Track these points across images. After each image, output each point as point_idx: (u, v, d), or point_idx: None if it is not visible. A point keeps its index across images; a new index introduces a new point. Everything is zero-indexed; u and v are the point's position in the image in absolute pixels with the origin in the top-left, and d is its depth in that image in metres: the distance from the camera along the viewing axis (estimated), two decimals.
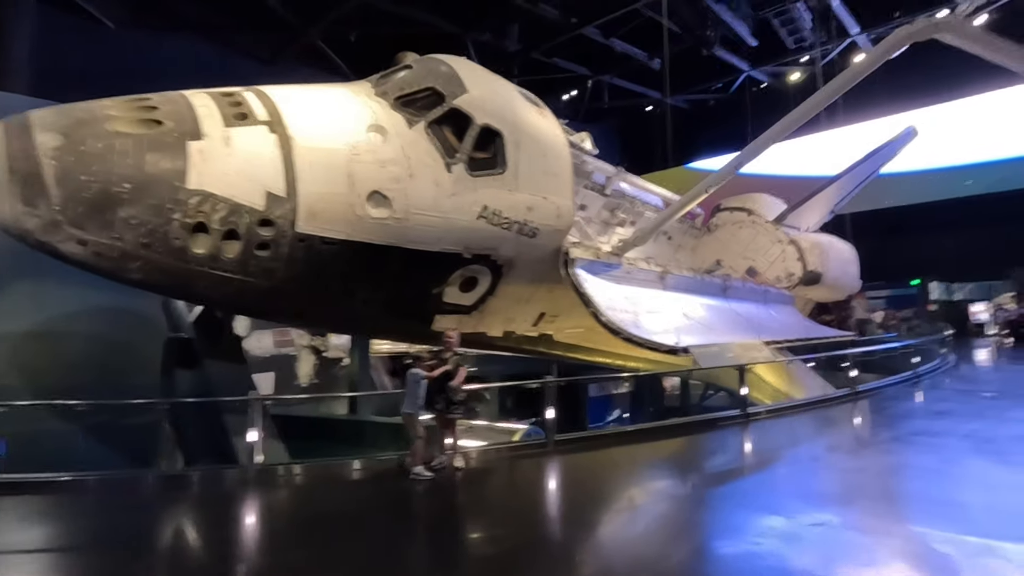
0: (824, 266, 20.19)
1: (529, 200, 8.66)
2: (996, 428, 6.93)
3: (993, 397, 9.17)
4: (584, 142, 11.19)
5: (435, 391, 6.24)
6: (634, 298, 10.82)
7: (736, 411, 8.17)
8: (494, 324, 10.06)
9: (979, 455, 5.99)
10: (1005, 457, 5.87)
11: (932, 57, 29.18)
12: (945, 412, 8.15)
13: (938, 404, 8.72)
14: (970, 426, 7.08)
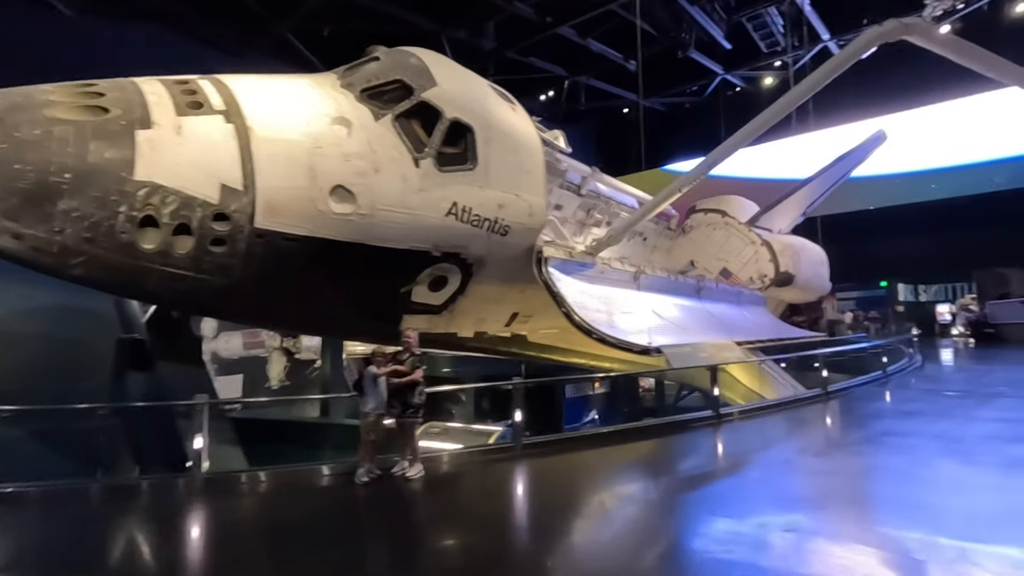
0: (796, 267, 20.46)
1: (500, 197, 8.45)
2: (964, 428, 6.97)
3: (959, 396, 9.28)
4: (558, 140, 11.03)
5: (392, 394, 5.95)
6: (608, 298, 10.69)
7: (708, 412, 8.09)
8: (465, 324, 9.82)
9: (949, 456, 5.96)
10: (974, 458, 5.86)
11: (900, 64, 29.99)
12: (914, 412, 8.19)
13: (906, 404, 8.79)
14: (939, 426, 7.10)
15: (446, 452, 6.54)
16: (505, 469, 6.24)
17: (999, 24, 27.49)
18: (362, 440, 5.73)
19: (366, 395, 5.89)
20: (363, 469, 5.68)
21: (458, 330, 9.81)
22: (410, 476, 5.77)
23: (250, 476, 6.23)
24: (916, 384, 10.89)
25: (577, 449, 7.07)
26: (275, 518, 5.09)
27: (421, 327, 9.18)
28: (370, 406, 5.83)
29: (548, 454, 6.82)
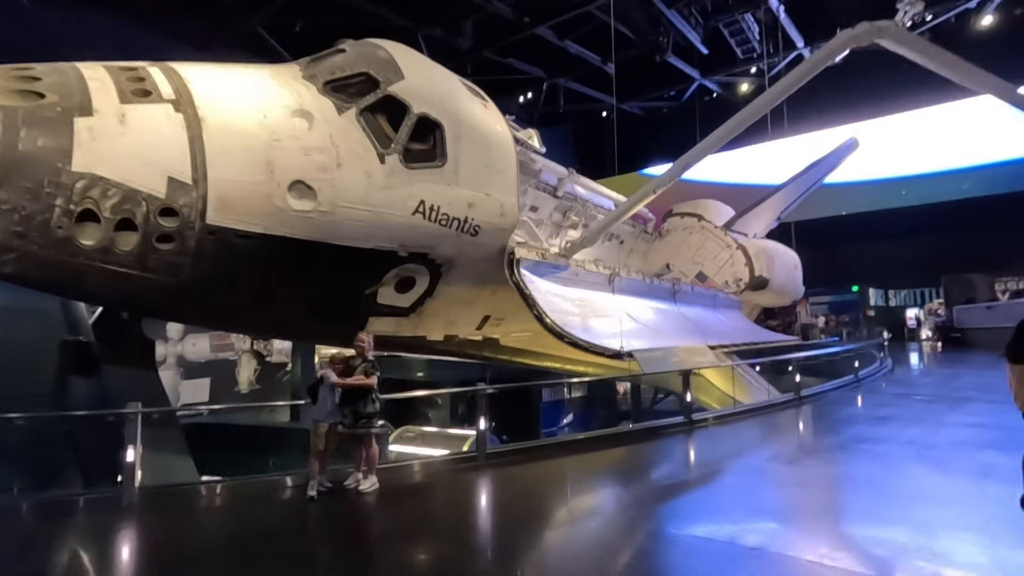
0: (771, 272, 20.58)
1: (470, 196, 8.19)
2: (936, 434, 6.92)
3: (929, 401, 9.27)
4: (531, 139, 10.81)
5: (342, 402, 5.61)
6: (582, 301, 10.49)
7: (681, 418, 7.91)
8: (434, 327, 9.52)
9: (922, 463, 5.86)
10: (947, 465, 5.78)
11: (872, 73, 30.59)
12: (886, 417, 8.12)
13: (879, 409, 8.73)
14: (911, 431, 7.03)
15: (406, 463, 6.17)
16: (467, 481, 5.91)
17: (965, 36, 28.15)
18: (311, 451, 5.35)
19: (319, 402, 5.52)
20: (313, 482, 5.29)
21: (427, 333, 9.50)
22: (363, 489, 5.39)
23: (191, 490, 5.74)
24: (887, 388, 10.87)
25: (545, 458, 6.79)
26: (204, 539, 4.67)
27: (388, 330, 8.88)
28: (321, 414, 5.46)
29: (514, 463, 6.54)
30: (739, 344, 14.28)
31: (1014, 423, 7.46)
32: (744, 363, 11.20)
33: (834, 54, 8.66)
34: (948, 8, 25.92)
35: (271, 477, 5.95)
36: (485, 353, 10.69)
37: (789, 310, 28.23)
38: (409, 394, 9.70)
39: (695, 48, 25.47)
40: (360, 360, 5.82)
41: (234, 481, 6.33)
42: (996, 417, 7.91)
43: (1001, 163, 28.20)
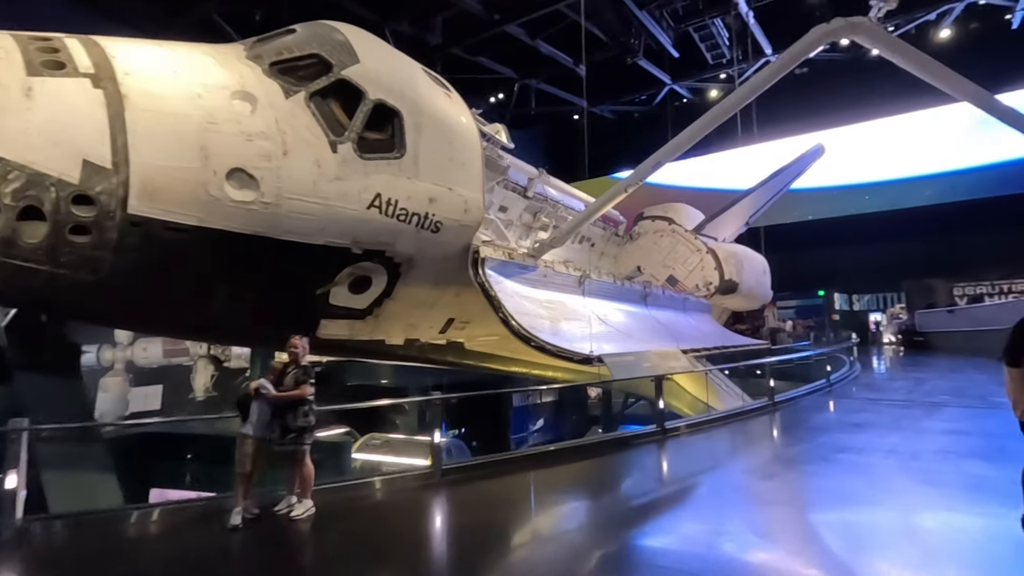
0: (740, 276, 20.58)
1: (432, 190, 7.65)
2: (917, 442, 6.68)
3: (904, 406, 9.07)
4: (499, 134, 10.34)
5: (273, 414, 4.90)
6: (551, 303, 10.04)
7: (652, 427, 7.56)
8: (393, 331, 8.93)
9: (908, 475, 5.56)
10: (935, 478, 5.46)
11: (839, 82, 31.25)
12: (863, 424, 7.87)
13: (854, 415, 8.46)
14: (891, 439, 6.74)
15: (352, 481, 5.51)
16: (418, 502, 5.30)
17: (924, 48, 28.88)
18: (237, 472, 4.66)
19: (254, 416, 4.83)
20: (236, 509, 4.54)
21: (386, 337, 8.91)
22: (296, 516, 4.67)
23: (95, 519, 4.90)
24: (859, 393, 10.69)
25: (505, 473, 6.24)
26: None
27: (343, 333, 8.26)
28: (250, 429, 4.78)
29: (470, 480, 5.96)
30: (711, 348, 14.06)
31: (993, 429, 7.35)
32: (717, 368, 10.92)
33: (808, 49, 8.46)
34: (909, 20, 26.59)
35: (201, 501, 5.13)
36: (449, 358, 10.14)
37: (757, 314, 28.46)
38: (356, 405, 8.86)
39: (666, 52, 25.48)
40: (293, 367, 5.16)
41: (152, 507, 5.61)
42: (973, 423, 7.75)
43: (960, 171, 29.03)
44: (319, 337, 7.93)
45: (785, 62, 8.47)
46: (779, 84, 31.77)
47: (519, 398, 21.56)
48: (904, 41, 8.56)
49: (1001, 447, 6.28)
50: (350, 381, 21.67)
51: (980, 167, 28.44)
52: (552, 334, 8.75)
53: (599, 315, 11.43)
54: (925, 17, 26.40)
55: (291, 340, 5.24)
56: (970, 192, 28.09)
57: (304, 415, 4.85)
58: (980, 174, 28.32)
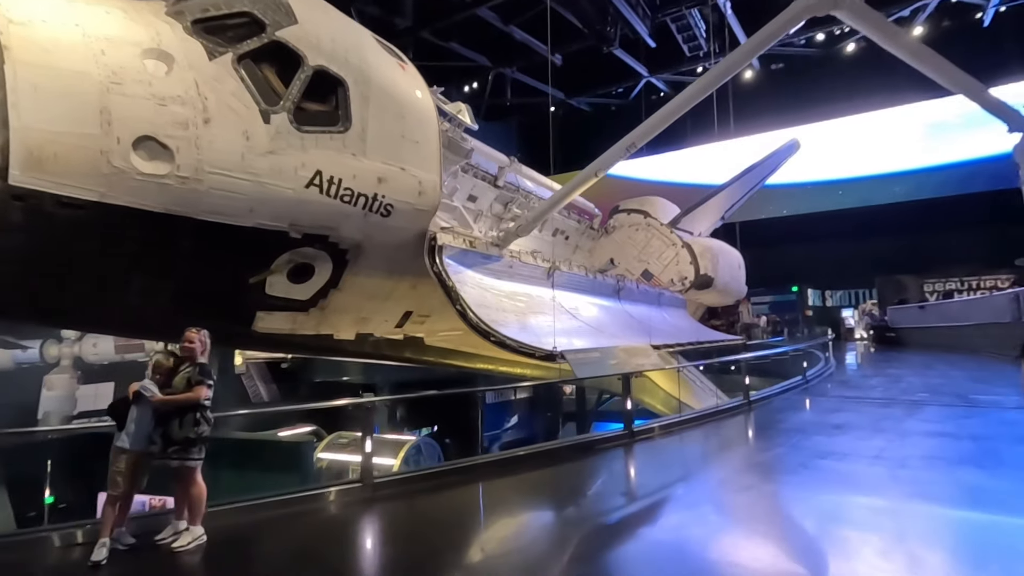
0: (715, 270, 20.26)
1: (381, 169, 6.93)
2: (902, 446, 6.15)
3: (883, 405, 8.60)
4: (461, 113, 9.63)
5: (156, 422, 4.05)
6: (516, 295, 9.40)
7: (620, 429, 6.87)
8: (343, 324, 8.21)
9: (898, 485, 4.97)
10: (927, 489, 4.89)
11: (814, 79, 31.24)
12: (844, 425, 7.24)
13: (833, 415, 7.87)
14: (875, 443, 6.15)
15: (257, 501, 4.66)
16: (338, 525, 4.49)
17: None
18: (108, 493, 3.78)
19: (132, 425, 3.96)
20: (102, 540, 3.66)
21: (334, 331, 8.18)
22: (179, 547, 3.82)
23: None
24: (836, 391, 10.22)
25: (448, 486, 5.44)
26: None
27: (284, 327, 7.51)
28: (125, 441, 3.92)
29: (407, 495, 5.13)
30: (685, 344, 13.62)
31: (979, 431, 6.90)
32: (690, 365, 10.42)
33: (788, 25, 7.97)
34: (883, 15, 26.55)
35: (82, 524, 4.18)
36: (407, 355, 9.45)
37: (732, 310, 28.33)
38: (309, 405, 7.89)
39: (643, 42, 25.01)
40: (188, 365, 4.38)
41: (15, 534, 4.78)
42: (957, 424, 7.29)
43: (930, 168, 29.25)
44: (256, 331, 7.18)
45: (763, 39, 7.97)
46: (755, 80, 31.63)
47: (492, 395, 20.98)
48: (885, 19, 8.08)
49: (993, 451, 5.82)
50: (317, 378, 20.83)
51: (950, 164, 28.69)
52: (516, 328, 8.12)
53: (568, 309, 10.84)
54: (899, 13, 26.39)
55: (186, 333, 4.45)
56: (940, 189, 28.32)
57: (194, 423, 4.03)
58: (950, 171, 28.57)
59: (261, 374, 21.09)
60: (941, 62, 8.47)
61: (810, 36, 28.44)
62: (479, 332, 7.47)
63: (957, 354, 16.67)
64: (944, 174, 28.73)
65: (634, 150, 8.42)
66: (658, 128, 8.19)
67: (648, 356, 6.99)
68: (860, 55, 29.78)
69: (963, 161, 28.48)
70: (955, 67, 8.64)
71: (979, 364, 13.22)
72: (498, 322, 7.98)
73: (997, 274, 25.45)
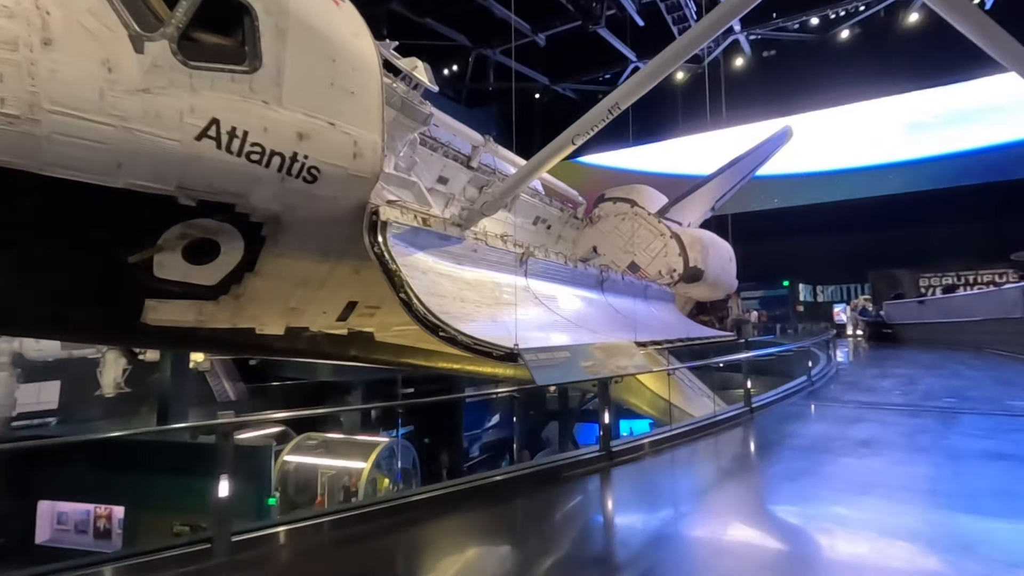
0: (705, 263, 19.14)
1: (302, 123, 5.55)
2: (958, 475, 4.82)
3: (908, 413, 7.31)
4: (417, 70, 8.23)
5: None
6: (480, 284, 8.08)
7: (595, 449, 5.40)
8: (267, 317, 6.82)
9: (986, 547, 3.34)
10: None
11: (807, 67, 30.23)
12: (871, 442, 5.90)
13: (855, 428, 6.54)
14: (920, 470, 4.91)
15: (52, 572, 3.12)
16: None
17: (893, 32, 28.12)
18: None
19: None
20: None
21: (257, 324, 6.79)
22: None
23: None
24: (848, 395, 8.84)
25: (339, 541, 3.70)
26: None
27: (186, 318, 6.10)
28: None
29: (272, 558, 3.45)
30: (674, 340, 12.40)
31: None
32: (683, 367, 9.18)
33: None
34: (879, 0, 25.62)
35: None
36: (354, 352, 8.09)
37: (721, 305, 27.29)
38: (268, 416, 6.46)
39: (630, 23, 23.77)
40: None
41: None
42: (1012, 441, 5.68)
43: (925, 159, 28.38)
44: (147, 324, 5.77)
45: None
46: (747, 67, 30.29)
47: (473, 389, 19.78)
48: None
49: None
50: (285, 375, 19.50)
51: (945, 155, 27.86)
52: (480, 323, 6.79)
53: (544, 300, 9.53)
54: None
55: None
56: (935, 181, 27.47)
57: None
58: (946, 163, 27.74)
59: (227, 371, 19.75)
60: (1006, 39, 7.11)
61: (804, 20, 27.36)
62: (426, 326, 6.14)
63: (962, 351, 15.66)
64: (938, 165, 27.89)
65: (618, 111, 7.13)
66: (645, 86, 6.92)
67: (631, 356, 5.71)
68: (855, 42, 28.87)
69: (957, 152, 27.68)
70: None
71: (991, 363, 12.17)
72: (454, 314, 6.65)
73: (995, 268, 24.63)
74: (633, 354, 5.77)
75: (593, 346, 5.32)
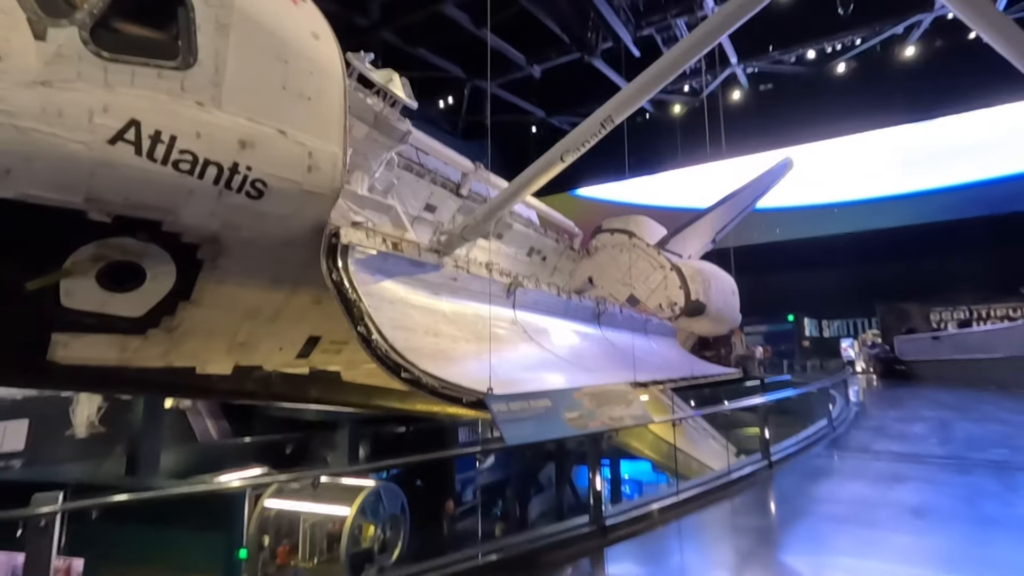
0: (707, 296, 18.33)
1: (246, 129, 4.79)
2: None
3: (956, 468, 6.18)
4: (393, 83, 7.57)
5: None
6: (459, 316, 7.21)
7: (585, 522, 4.32)
8: (209, 354, 5.93)
9: None
10: None
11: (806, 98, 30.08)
12: (925, 511, 4.76)
13: (898, 489, 5.39)
14: (1001, 553, 3.82)
15: None
16: None
17: (890, 68, 28.05)
18: None
19: None
20: None
21: (197, 363, 5.89)
22: None
23: None
24: (878, 444, 7.58)
25: None
26: None
27: (106, 356, 5.21)
28: None
29: None
30: (676, 379, 11.47)
31: None
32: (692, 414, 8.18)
33: None
34: (875, 33, 25.52)
35: None
36: (316, 394, 7.15)
37: (724, 340, 26.33)
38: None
39: (626, 55, 23.55)
40: None
41: None
42: None
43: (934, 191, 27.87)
44: (55, 362, 4.88)
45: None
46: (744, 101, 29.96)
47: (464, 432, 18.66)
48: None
49: None
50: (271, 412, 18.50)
51: (955, 186, 27.34)
52: (450, 360, 5.90)
53: (533, 334, 8.65)
54: (892, 31, 25.30)
55: None
56: (945, 212, 26.85)
57: None
58: (955, 194, 27.19)
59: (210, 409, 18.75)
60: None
61: (801, 54, 27.27)
62: (387, 365, 5.25)
63: (985, 391, 14.63)
64: (944, 197, 27.35)
65: (611, 125, 6.44)
66: (641, 96, 6.26)
67: (627, 403, 4.72)
68: (852, 74, 28.79)
69: (963, 184, 27.19)
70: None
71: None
72: (424, 351, 5.77)
73: (1009, 302, 23.72)
74: (630, 401, 4.81)
75: (581, 391, 4.39)
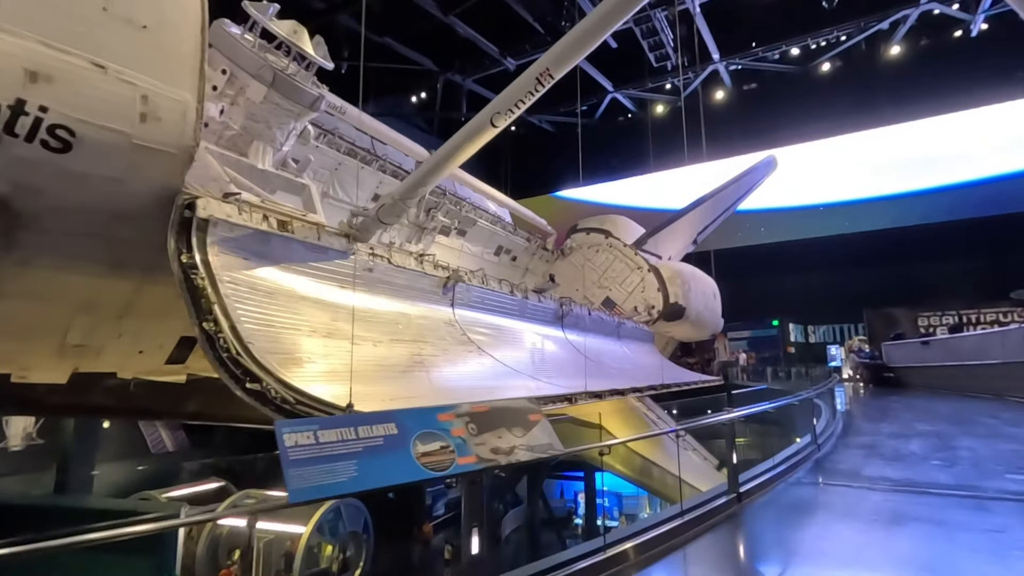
0: (687, 299, 17.27)
1: (38, 55, 3.57)
2: None
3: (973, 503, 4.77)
4: (297, 34, 6.34)
5: None
6: (375, 316, 5.99)
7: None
8: (28, 358, 4.66)
9: None
10: None
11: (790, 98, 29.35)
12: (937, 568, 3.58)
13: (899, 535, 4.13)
14: None
15: None
16: None
17: (874, 66, 27.43)
18: None
19: None
20: None
21: (13, 370, 4.62)
22: None
23: None
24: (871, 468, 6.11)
25: None
26: None
27: None
28: None
29: None
30: (642, 388, 10.35)
31: None
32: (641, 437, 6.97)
33: None
34: (860, 30, 24.83)
35: None
36: (194, 408, 5.88)
37: (707, 346, 25.38)
38: None
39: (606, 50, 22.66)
40: None
41: None
42: None
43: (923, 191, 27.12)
44: None
45: None
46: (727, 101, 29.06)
47: None
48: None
49: None
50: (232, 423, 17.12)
51: (945, 187, 26.59)
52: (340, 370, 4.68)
53: (476, 339, 7.45)
54: (878, 26, 24.59)
55: None
56: (934, 215, 26.07)
57: None
58: (944, 195, 26.44)
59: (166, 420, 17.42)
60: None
61: (784, 51, 26.49)
62: (228, 371, 4.05)
63: (980, 399, 13.69)
64: (932, 199, 26.59)
65: (550, 82, 5.29)
66: (584, 45, 5.12)
67: (525, 428, 3.38)
68: (837, 74, 28.08)
69: (951, 185, 26.46)
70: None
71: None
72: (299, 356, 4.54)
73: (999, 307, 22.94)
74: (529, 423, 3.53)
75: (455, 410, 3.12)
